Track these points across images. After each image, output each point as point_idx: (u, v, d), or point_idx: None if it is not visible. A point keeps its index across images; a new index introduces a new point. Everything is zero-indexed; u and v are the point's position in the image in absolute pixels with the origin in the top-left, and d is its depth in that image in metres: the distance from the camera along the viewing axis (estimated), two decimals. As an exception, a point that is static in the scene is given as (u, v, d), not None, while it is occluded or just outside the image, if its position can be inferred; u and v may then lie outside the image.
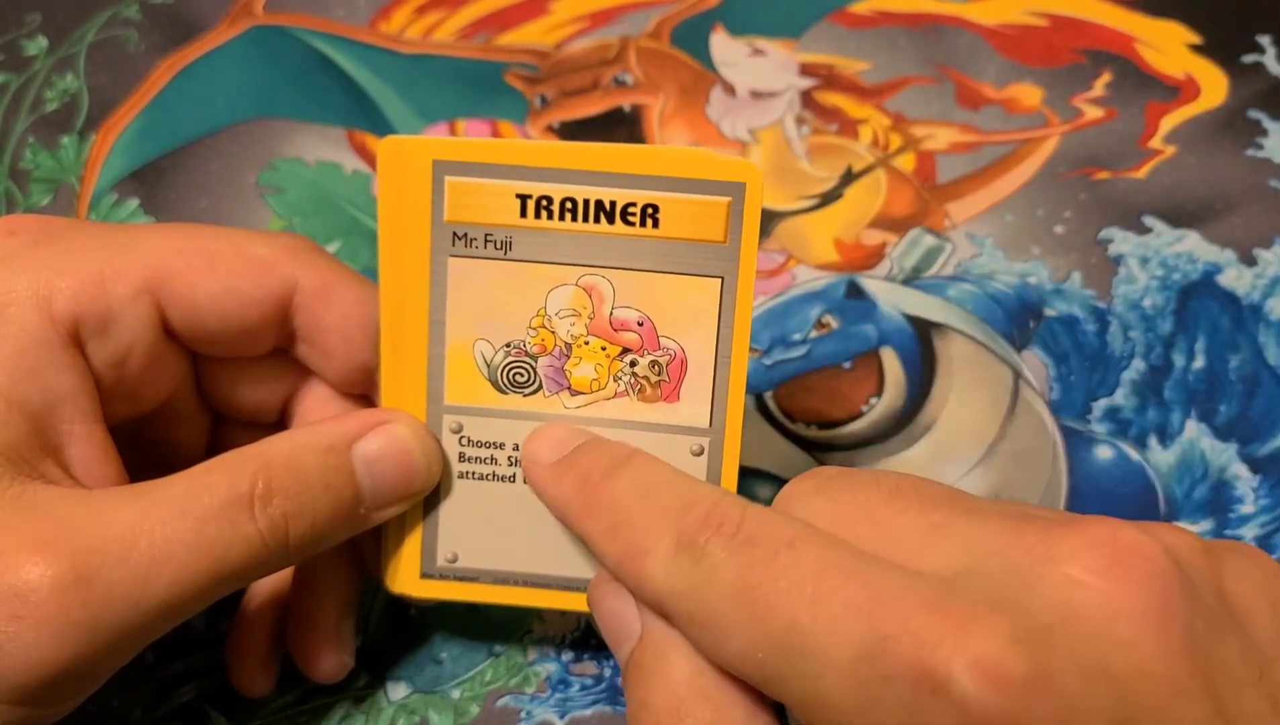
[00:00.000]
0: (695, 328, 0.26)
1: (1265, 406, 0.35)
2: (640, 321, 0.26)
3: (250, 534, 0.24)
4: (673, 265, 0.25)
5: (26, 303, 0.24)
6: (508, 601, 0.28)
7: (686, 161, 0.25)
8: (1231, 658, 0.18)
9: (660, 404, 0.26)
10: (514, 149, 0.25)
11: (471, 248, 0.25)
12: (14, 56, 0.44)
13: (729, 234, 0.25)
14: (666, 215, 0.25)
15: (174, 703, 0.30)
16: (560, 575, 0.27)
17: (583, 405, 0.26)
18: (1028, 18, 0.45)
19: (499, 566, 0.28)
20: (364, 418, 0.26)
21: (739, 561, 0.21)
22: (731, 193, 0.25)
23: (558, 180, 0.25)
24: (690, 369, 0.26)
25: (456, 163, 0.25)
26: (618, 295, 0.26)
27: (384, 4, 0.45)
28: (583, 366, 0.26)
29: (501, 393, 0.26)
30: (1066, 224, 0.39)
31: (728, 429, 0.26)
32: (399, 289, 0.26)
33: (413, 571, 0.28)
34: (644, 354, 0.26)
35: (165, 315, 0.26)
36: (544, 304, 0.26)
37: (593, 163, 0.25)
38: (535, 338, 0.26)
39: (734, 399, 0.26)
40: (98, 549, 0.22)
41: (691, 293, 0.25)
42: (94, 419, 0.25)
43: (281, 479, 0.24)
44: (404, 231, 0.25)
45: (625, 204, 0.25)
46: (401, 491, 0.26)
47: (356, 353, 0.27)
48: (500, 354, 0.26)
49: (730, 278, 0.25)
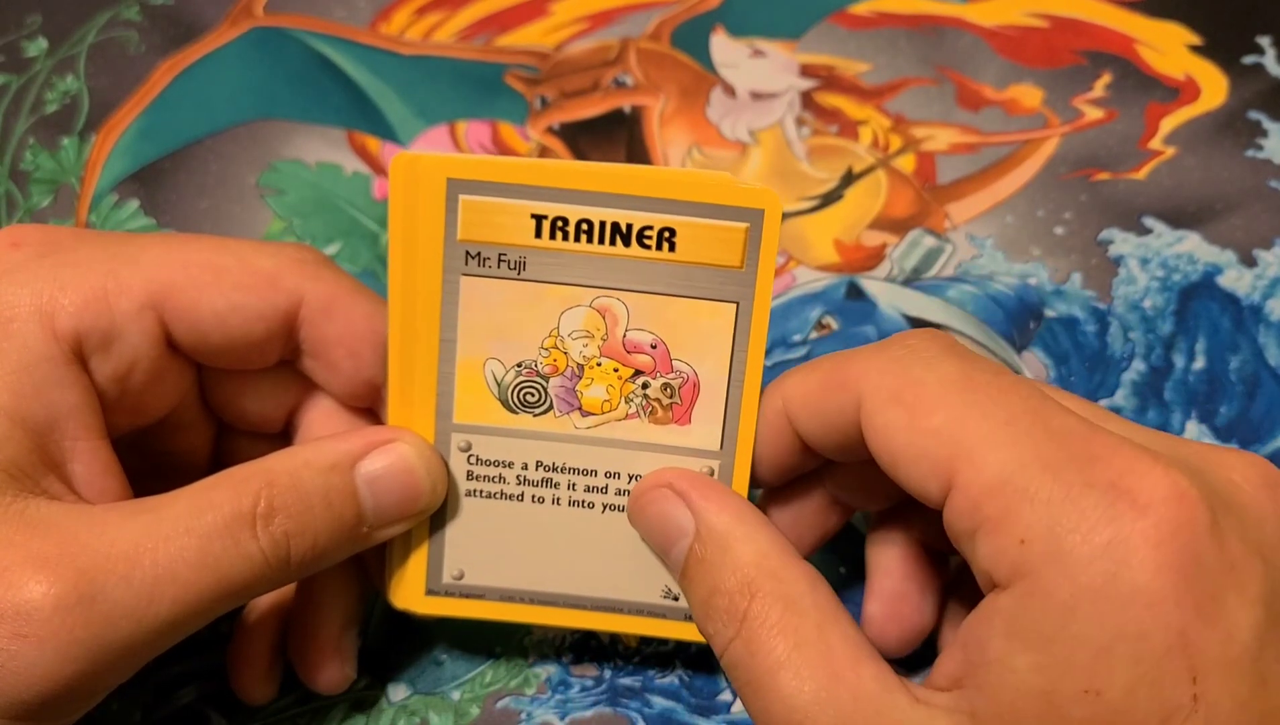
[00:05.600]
0: (709, 352, 0.26)
1: (1265, 407, 0.35)
2: (654, 344, 0.26)
3: (253, 552, 0.24)
4: (688, 289, 0.25)
5: (29, 318, 0.24)
6: (513, 619, 0.28)
7: (705, 186, 0.24)
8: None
9: (672, 427, 0.26)
10: (530, 168, 0.25)
11: (485, 267, 0.25)
12: (14, 58, 0.44)
13: (746, 260, 0.25)
14: (683, 239, 0.25)
15: (174, 704, 0.30)
16: (566, 593, 0.27)
17: (593, 426, 0.26)
18: (1028, 19, 0.45)
19: (505, 584, 0.27)
20: (368, 436, 0.26)
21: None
22: (749, 219, 0.25)
23: (573, 201, 0.25)
24: (703, 392, 0.26)
25: (471, 181, 0.25)
26: (632, 317, 0.26)
27: (384, 5, 0.45)
28: (594, 387, 0.26)
29: (512, 412, 0.26)
30: (1067, 225, 0.39)
31: (738, 452, 0.26)
32: (408, 307, 0.26)
33: (418, 587, 0.28)
34: (656, 376, 0.26)
35: (169, 329, 0.26)
36: (557, 324, 0.26)
37: (610, 184, 0.25)
38: (547, 358, 0.26)
39: (745, 422, 0.26)
40: (101, 567, 0.22)
41: (706, 317, 0.25)
42: (97, 434, 0.25)
43: (284, 498, 0.24)
44: (414, 249, 0.25)
45: (641, 227, 0.25)
46: (404, 511, 0.26)
47: (363, 368, 0.27)
48: (511, 373, 0.26)
49: (746, 303, 0.25)
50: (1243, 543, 0.21)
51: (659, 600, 0.27)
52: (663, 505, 0.25)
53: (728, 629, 0.23)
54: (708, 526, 0.25)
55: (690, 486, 0.25)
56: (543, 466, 0.27)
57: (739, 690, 0.23)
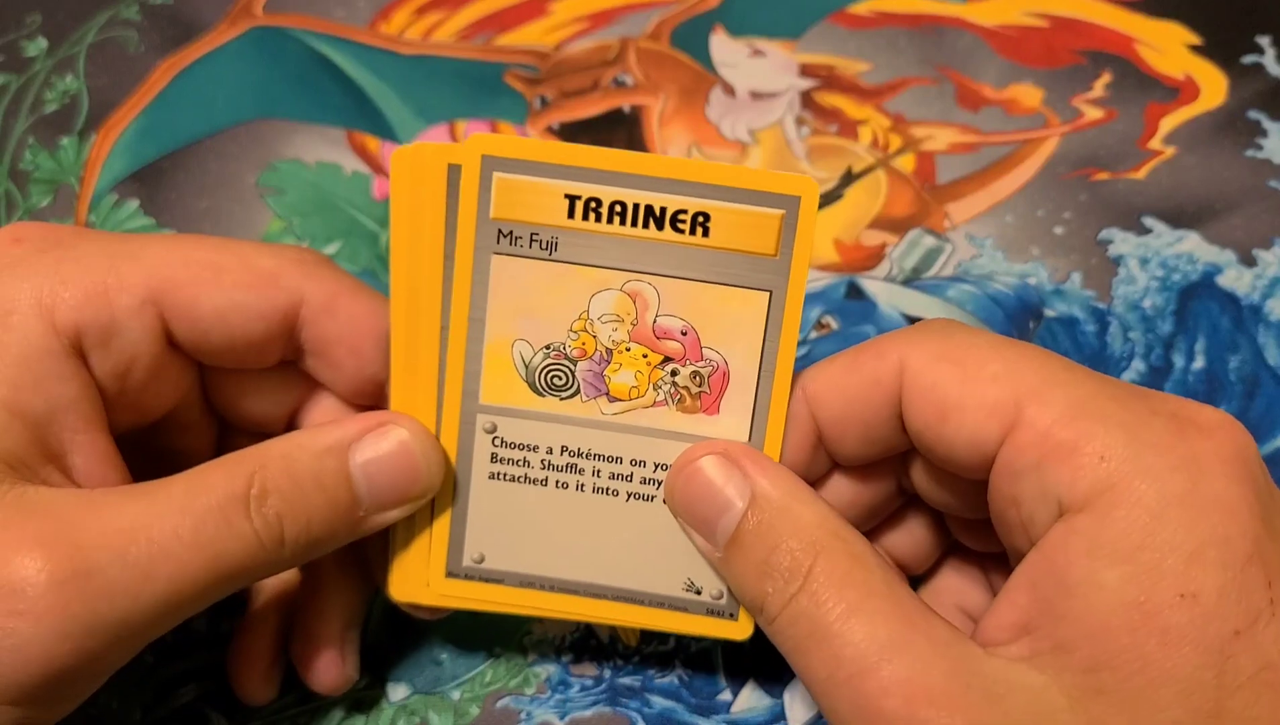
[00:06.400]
0: (740, 340, 0.25)
1: (1265, 407, 0.35)
2: (684, 331, 0.25)
3: (246, 533, 0.24)
4: (721, 276, 0.25)
5: (29, 311, 0.24)
6: (530, 606, 0.27)
7: (741, 172, 0.24)
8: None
9: (699, 416, 0.26)
10: (564, 149, 0.24)
11: (516, 246, 0.25)
12: (14, 57, 0.44)
13: (780, 247, 0.25)
14: (717, 224, 0.25)
15: (174, 703, 0.30)
16: (586, 582, 0.27)
17: (620, 412, 0.26)
18: (1027, 18, 0.45)
19: (525, 569, 0.27)
20: (363, 420, 0.26)
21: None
22: (785, 205, 0.24)
23: (608, 182, 0.24)
24: (732, 382, 0.26)
25: (506, 159, 0.24)
26: (663, 303, 0.25)
27: (384, 5, 0.45)
28: (622, 373, 0.26)
29: (538, 395, 0.26)
30: (1066, 225, 0.39)
31: (766, 445, 0.26)
32: (412, 291, 0.26)
33: (421, 579, 0.27)
34: (686, 364, 0.26)
35: (169, 327, 0.26)
36: (586, 307, 0.25)
37: (645, 167, 0.24)
38: (576, 341, 0.26)
39: (775, 415, 0.26)
40: (96, 544, 0.22)
41: (738, 305, 0.25)
42: (97, 427, 0.25)
43: (277, 479, 0.24)
44: (418, 234, 0.25)
45: (676, 211, 0.24)
46: (400, 496, 0.26)
47: (365, 365, 0.27)
48: (539, 355, 0.26)
49: (779, 292, 0.25)
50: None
51: (680, 593, 0.27)
52: (710, 474, 0.25)
53: (790, 585, 0.23)
54: (764, 493, 0.24)
55: (743, 454, 0.25)
56: (567, 451, 0.26)
57: (796, 646, 0.23)
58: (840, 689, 0.22)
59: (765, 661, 0.30)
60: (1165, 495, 0.21)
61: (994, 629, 0.23)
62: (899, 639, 0.22)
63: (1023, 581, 0.22)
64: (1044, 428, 0.22)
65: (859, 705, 0.22)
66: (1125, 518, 0.21)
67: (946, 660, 0.21)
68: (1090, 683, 0.21)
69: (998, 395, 0.23)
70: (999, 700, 0.21)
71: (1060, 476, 0.22)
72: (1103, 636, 0.21)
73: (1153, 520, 0.21)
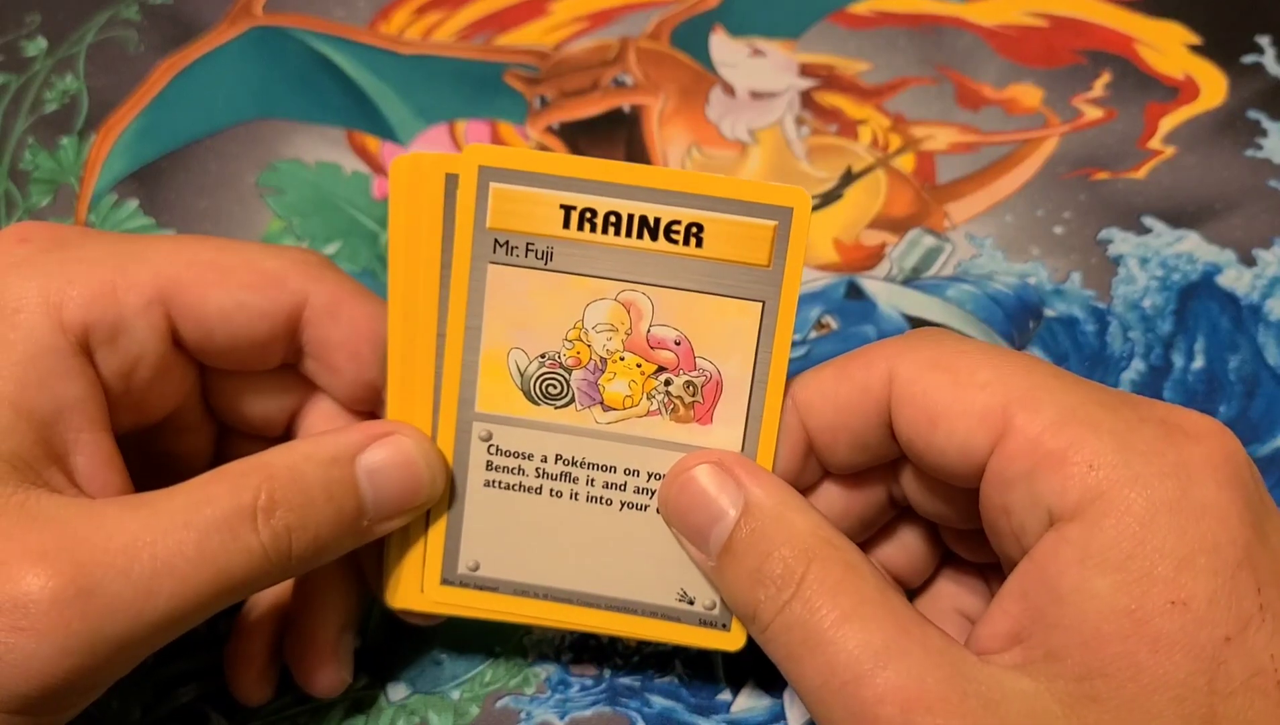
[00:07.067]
0: (733, 350, 0.25)
1: (1265, 407, 0.35)
2: (678, 340, 0.26)
3: (253, 546, 0.23)
4: (714, 286, 0.25)
5: (36, 310, 0.24)
6: (524, 614, 0.27)
7: (734, 183, 0.24)
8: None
9: (693, 425, 0.26)
10: (561, 160, 0.25)
11: (512, 256, 0.25)
12: (14, 57, 0.44)
13: (773, 258, 0.25)
14: (711, 235, 0.25)
15: (174, 703, 0.30)
16: (579, 590, 0.27)
17: (614, 421, 0.26)
18: (1027, 18, 0.45)
19: (519, 578, 0.27)
20: (368, 429, 0.26)
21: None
22: (778, 217, 0.24)
23: (603, 193, 0.25)
24: (725, 392, 0.26)
25: (502, 170, 0.25)
26: (656, 313, 0.25)
27: (384, 4, 0.45)
28: (616, 382, 0.26)
29: (533, 403, 0.26)
30: (1066, 224, 0.39)
31: (759, 454, 0.26)
32: (409, 300, 0.26)
33: (414, 587, 0.27)
34: (679, 373, 0.26)
35: (175, 326, 0.26)
36: (581, 317, 0.26)
37: (639, 179, 0.24)
38: (571, 350, 0.26)
39: (767, 424, 0.26)
40: (99, 561, 0.22)
41: (731, 315, 0.25)
42: (101, 427, 0.25)
43: (285, 491, 0.24)
44: (416, 242, 0.25)
45: (670, 221, 0.25)
46: (405, 503, 0.26)
47: (364, 370, 0.27)
48: (534, 364, 0.26)
49: (772, 302, 0.25)
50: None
51: (673, 603, 0.27)
52: (704, 483, 0.25)
53: (783, 592, 0.23)
54: (757, 502, 0.24)
55: (736, 463, 0.25)
56: (562, 460, 0.27)
57: (789, 654, 0.23)
58: (835, 696, 0.22)
59: (765, 662, 0.30)
60: (1155, 502, 0.21)
61: (987, 638, 0.23)
62: (894, 646, 0.22)
63: (1015, 590, 0.22)
64: (1034, 436, 0.22)
65: (854, 712, 0.22)
66: (1115, 526, 0.21)
67: (942, 667, 0.21)
68: (1083, 690, 0.21)
69: (987, 402, 0.23)
70: (995, 707, 0.21)
71: (1050, 486, 0.22)
72: (1095, 644, 0.21)
73: (1142, 528, 0.21)
